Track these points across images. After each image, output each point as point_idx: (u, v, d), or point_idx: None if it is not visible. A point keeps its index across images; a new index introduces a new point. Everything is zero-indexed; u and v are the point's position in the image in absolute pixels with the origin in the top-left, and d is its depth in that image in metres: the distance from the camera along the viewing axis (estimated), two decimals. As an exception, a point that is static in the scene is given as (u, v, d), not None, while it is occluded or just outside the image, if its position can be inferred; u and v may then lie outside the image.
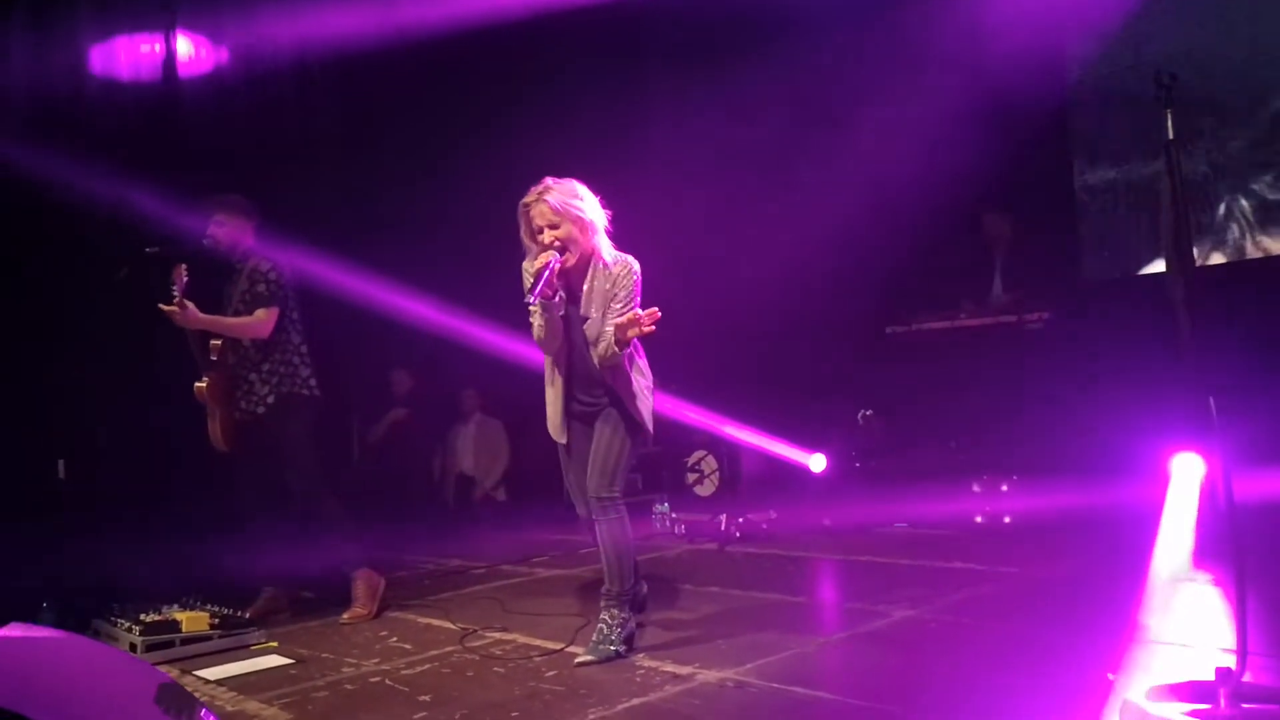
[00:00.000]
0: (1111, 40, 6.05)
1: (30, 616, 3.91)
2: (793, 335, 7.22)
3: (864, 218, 6.48)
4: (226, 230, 4.33)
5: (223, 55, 6.26)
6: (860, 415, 6.40)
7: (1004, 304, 5.90)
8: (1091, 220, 6.39)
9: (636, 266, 3.45)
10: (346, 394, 7.04)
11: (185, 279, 3.94)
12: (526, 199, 3.37)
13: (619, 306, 3.37)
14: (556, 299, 3.34)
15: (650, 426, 3.55)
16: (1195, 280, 2.64)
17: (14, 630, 2.37)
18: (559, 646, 3.57)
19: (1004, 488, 5.50)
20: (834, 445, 6.28)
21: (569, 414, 3.55)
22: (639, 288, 3.44)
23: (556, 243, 3.31)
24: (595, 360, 3.39)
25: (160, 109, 5.89)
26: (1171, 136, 2.62)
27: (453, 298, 6.31)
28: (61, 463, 4.31)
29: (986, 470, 5.57)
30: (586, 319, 3.42)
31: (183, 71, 6.10)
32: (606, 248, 3.43)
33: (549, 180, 3.38)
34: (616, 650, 3.41)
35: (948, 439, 6.00)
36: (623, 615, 3.49)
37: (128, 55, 5.88)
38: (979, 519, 5.52)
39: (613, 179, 3.59)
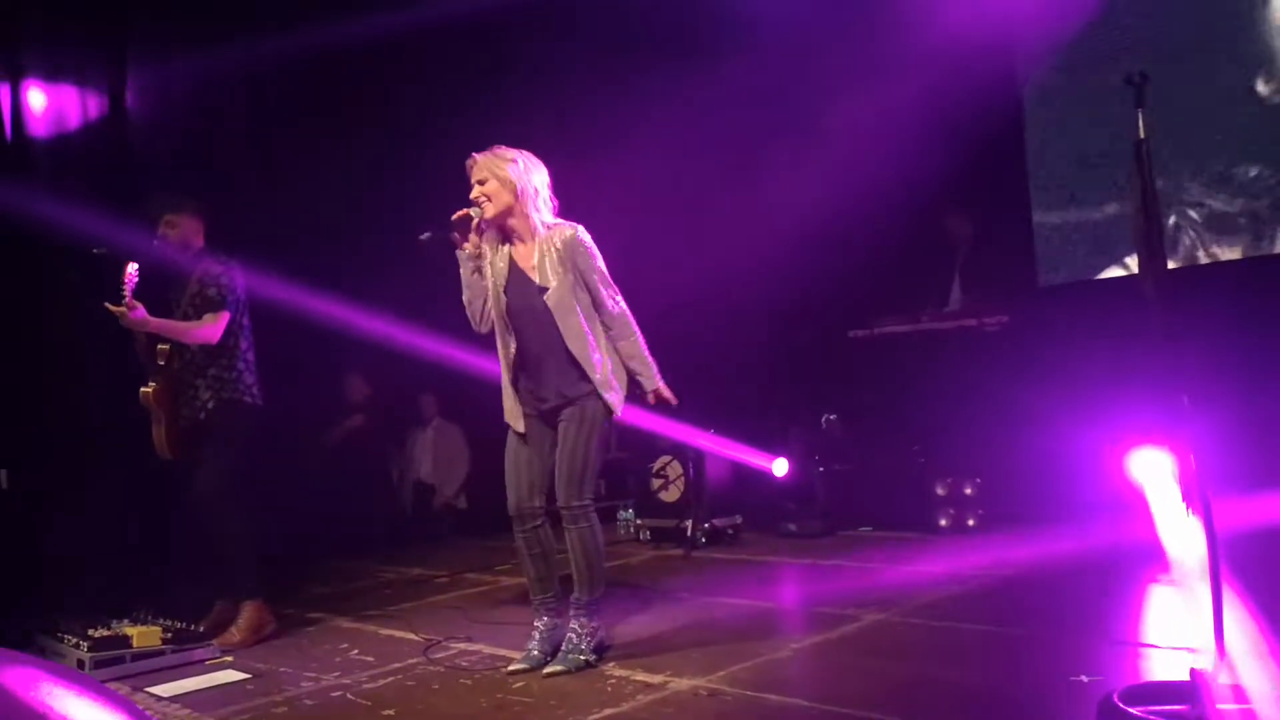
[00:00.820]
0: (1070, 40, 6.10)
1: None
2: (754, 338, 7.20)
3: (825, 220, 6.46)
4: (177, 232, 4.19)
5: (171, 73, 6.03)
6: (823, 419, 6.39)
7: (963, 307, 5.93)
8: (1047, 223, 6.45)
9: (581, 230, 3.39)
10: (299, 400, 6.88)
11: (135, 279, 3.79)
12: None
13: (598, 273, 3.36)
14: (467, 249, 3.35)
15: (619, 409, 3.41)
16: (1165, 279, 2.65)
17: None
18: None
19: (968, 490, 5.52)
20: (797, 449, 6.26)
21: (524, 402, 3.43)
22: (596, 249, 3.40)
23: (482, 197, 3.30)
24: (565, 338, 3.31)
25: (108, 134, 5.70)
26: (1143, 135, 2.62)
27: (407, 301, 6.20)
28: (4, 472, 4.13)
29: (950, 473, 5.58)
30: (545, 289, 3.31)
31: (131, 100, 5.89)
32: (542, 215, 3.36)
33: (496, 147, 3.38)
34: (587, 660, 3.34)
35: (911, 442, 6.01)
36: (593, 624, 3.43)
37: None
38: (943, 522, 5.53)
39: (570, 178, 3.55)
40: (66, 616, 3.90)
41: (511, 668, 3.36)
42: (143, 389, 4.00)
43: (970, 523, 5.45)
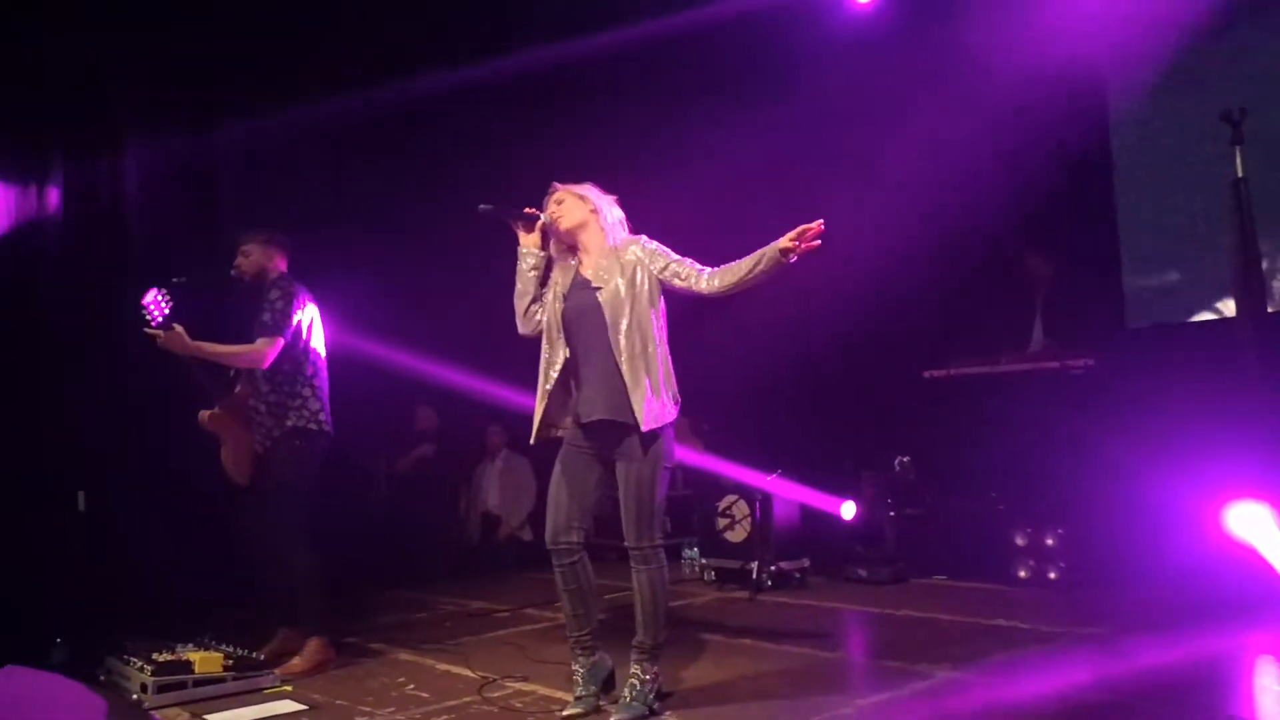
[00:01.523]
0: (1163, 70, 5.87)
1: (44, 651, 3.84)
2: (827, 378, 7.06)
3: (900, 258, 6.34)
4: (252, 260, 4.27)
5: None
6: (896, 461, 6.19)
7: (1045, 349, 5.71)
8: (1137, 262, 6.19)
9: (645, 237, 3.41)
10: (372, 429, 6.96)
11: (161, 304, 3.80)
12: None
13: (664, 250, 3.35)
14: (534, 245, 3.42)
15: (670, 441, 3.30)
16: (1265, 322, 2.49)
17: (10, 672, 2.27)
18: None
19: (1050, 541, 5.27)
20: (869, 492, 6.08)
21: (557, 416, 3.35)
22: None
23: (558, 213, 3.37)
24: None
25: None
26: (1241, 174, 2.47)
27: (481, 332, 6.24)
28: (81, 494, 4.22)
29: (1030, 522, 5.34)
30: (599, 289, 3.27)
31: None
32: (618, 233, 3.40)
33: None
34: (650, 708, 3.23)
35: (989, 488, 5.78)
36: (654, 669, 3.32)
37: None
38: (1022, 573, 5.29)
39: (642, 215, 3.53)
40: (135, 639, 3.94)
41: (566, 712, 3.28)
42: (201, 413, 4.04)
43: (1052, 575, 5.20)
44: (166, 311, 3.80)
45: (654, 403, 3.21)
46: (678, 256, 3.37)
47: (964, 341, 5.98)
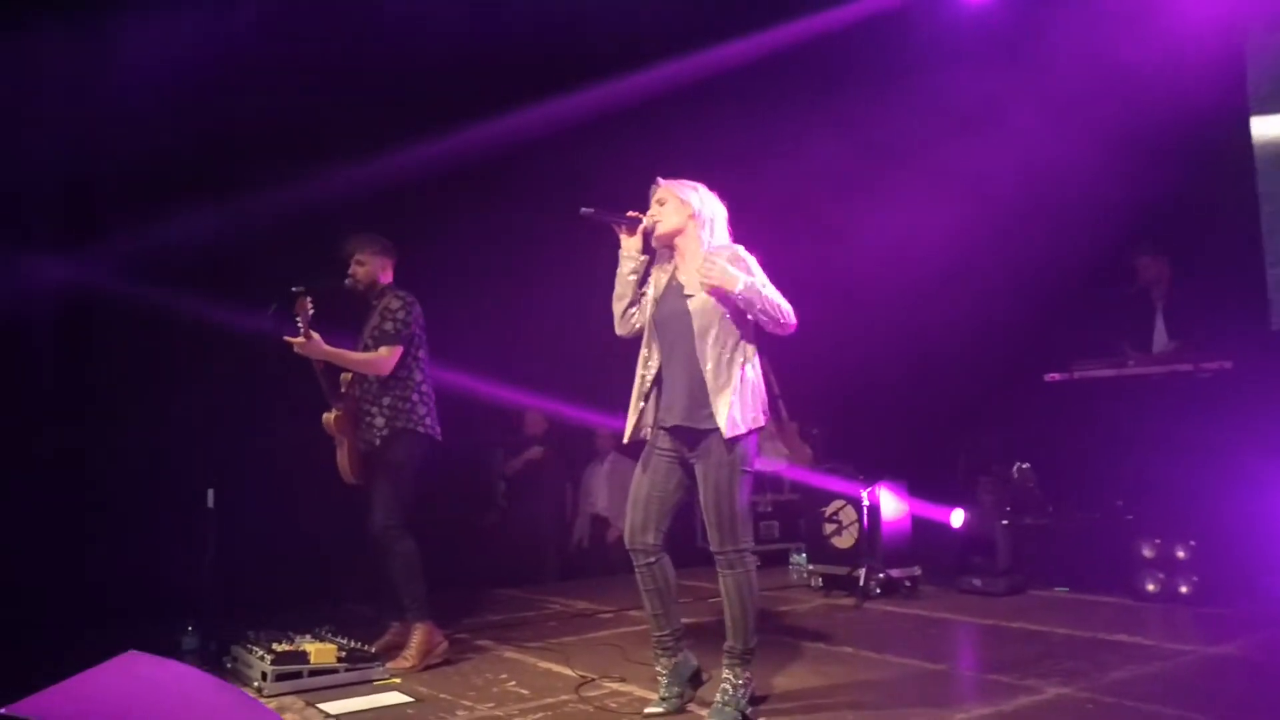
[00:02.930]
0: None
1: (177, 638, 4.09)
2: (944, 381, 6.85)
3: (1019, 259, 6.11)
4: (366, 269, 4.44)
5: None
6: (1015, 467, 5.96)
7: (1176, 351, 5.40)
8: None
9: (742, 248, 3.34)
10: (487, 433, 7.16)
11: (310, 311, 4.02)
12: None
13: (750, 269, 3.27)
14: (636, 250, 3.42)
15: (753, 447, 3.27)
16: None
17: (130, 658, 2.44)
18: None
19: (1180, 553, 4.97)
20: (986, 499, 5.87)
21: (653, 419, 3.35)
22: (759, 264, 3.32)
23: (656, 215, 3.37)
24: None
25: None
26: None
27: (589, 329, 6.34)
28: (211, 491, 4.48)
29: (1159, 533, 5.05)
30: (691, 296, 3.27)
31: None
32: (712, 241, 3.36)
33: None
34: (742, 713, 3.22)
35: (1114, 496, 5.50)
36: (746, 674, 3.30)
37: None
38: (1150, 587, 5.01)
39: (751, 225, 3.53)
40: (258, 629, 4.17)
41: (649, 710, 3.32)
42: (325, 415, 4.26)
43: (1182, 590, 4.91)
44: (308, 320, 4.02)
45: (736, 410, 3.19)
46: (763, 280, 3.28)
47: (1084, 344, 5.72)
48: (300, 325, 4.00)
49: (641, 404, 3.37)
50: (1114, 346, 5.60)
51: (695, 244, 3.35)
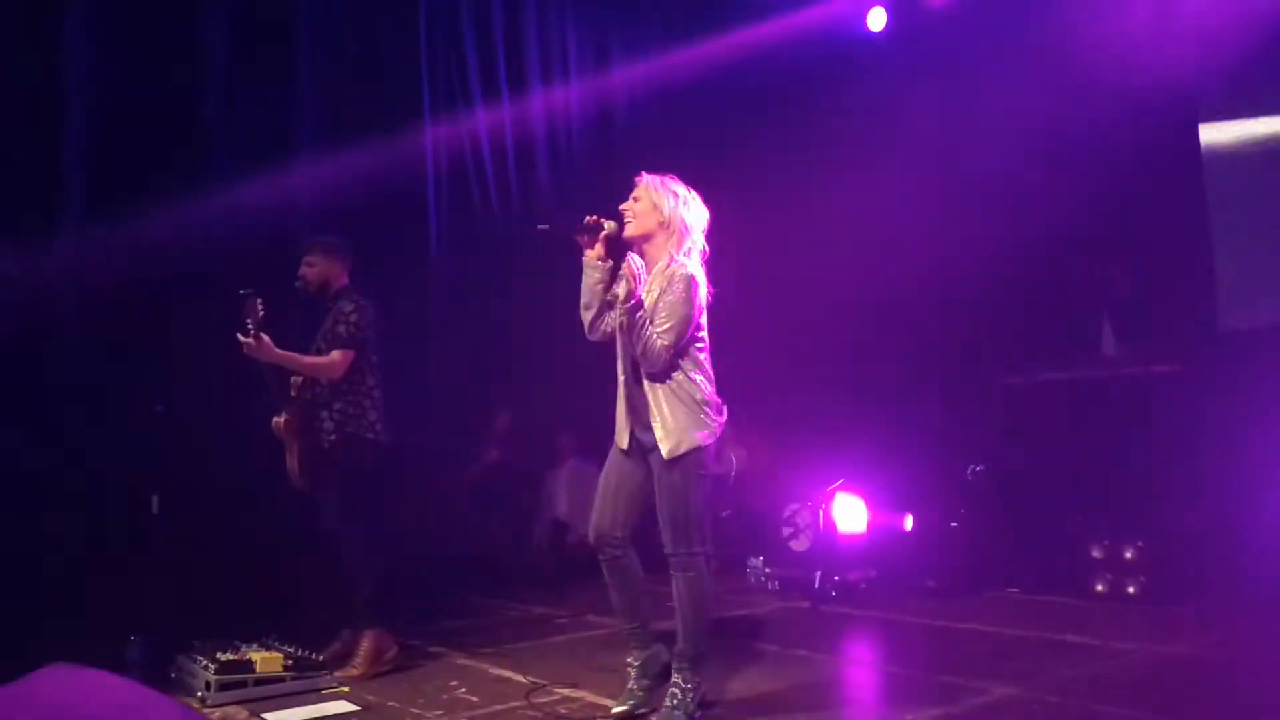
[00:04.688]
0: (1251, 63, 5.56)
1: (119, 649, 4.00)
2: (897, 384, 6.90)
3: (969, 264, 6.17)
4: (317, 271, 4.38)
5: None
6: (969, 470, 6.00)
7: (1125, 353, 5.47)
8: (1232, 260, 5.85)
9: (694, 273, 3.21)
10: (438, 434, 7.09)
11: (261, 312, 3.95)
12: None
13: (665, 303, 3.15)
14: (596, 259, 3.26)
15: (706, 454, 3.24)
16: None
17: (55, 670, 2.37)
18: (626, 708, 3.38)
19: (1129, 554, 5.03)
20: (940, 501, 5.91)
21: (626, 421, 3.33)
22: (695, 294, 3.18)
23: (627, 213, 3.28)
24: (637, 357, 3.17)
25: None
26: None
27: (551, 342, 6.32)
28: (155, 497, 4.40)
29: (1108, 534, 5.11)
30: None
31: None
32: (683, 253, 3.26)
33: (674, 178, 3.35)
34: (689, 717, 3.20)
35: (1064, 498, 5.55)
36: (696, 679, 3.29)
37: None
38: (1099, 587, 5.07)
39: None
40: (204, 638, 4.08)
41: (614, 710, 3.31)
42: (275, 419, 4.18)
43: (1130, 590, 4.97)
44: (259, 322, 3.94)
45: (679, 426, 3.17)
46: (671, 314, 3.15)
47: (1034, 347, 5.79)
48: (250, 327, 3.92)
49: (623, 406, 3.36)
50: (1067, 349, 5.66)
51: (661, 253, 3.27)
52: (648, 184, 3.30)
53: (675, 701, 3.22)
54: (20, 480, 4.89)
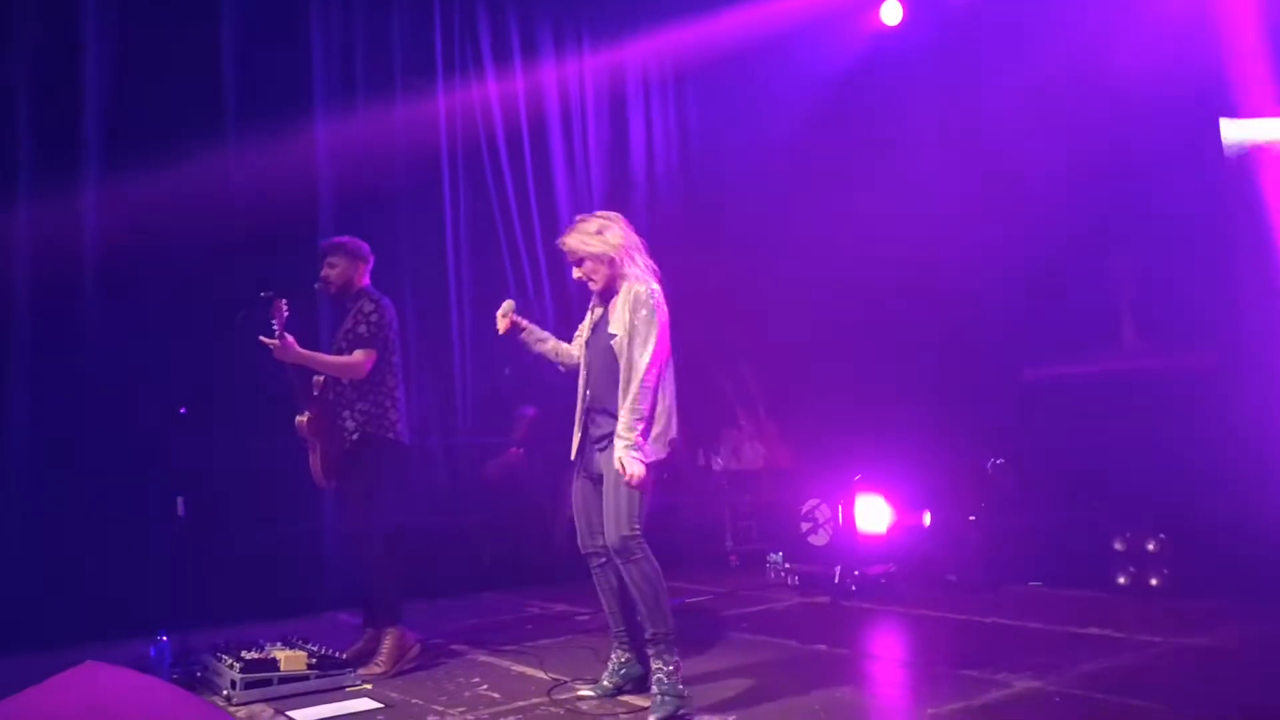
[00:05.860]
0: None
1: (148, 647, 4.06)
2: (919, 377, 6.88)
3: (992, 257, 6.13)
4: (338, 272, 4.41)
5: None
6: (990, 463, 5.98)
7: (1146, 347, 5.43)
8: (1256, 254, 5.79)
9: (654, 290, 3.45)
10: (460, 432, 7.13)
11: (285, 314, 3.99)
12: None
13: (639, 323, 3.37)
14: (523, 340, 3.73)
15: (659, 452, 3.37)
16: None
17: (88, 669, 2.41)
18: (646, 703, 3.40)
19: (1151, 546, 5.00)
20: (961, 494, 5.89)
21: (585, 435, 3.55)
22: (660, 310, 3.42)
23: (588, 278, 3.53)
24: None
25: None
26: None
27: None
28: (180, 500, 4.45)
29: (1130, 526, 5.08)
30: (614, 335, 3.43)
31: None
32: (635, 272, 3.49)
33: (578, 219, 3.60)
34: (680, 695, 3.28)
35: (1087, 491, 5.52)
36: (675, 659, 3.35)
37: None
38: (1121, 580, 5.05)
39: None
40: (230, 638, 4.13)
41: (580, 692, 3.59)
42: (298, 418, 4.22)
43: (1153, 583, 4.94)
44: (284, 322, 4.00)
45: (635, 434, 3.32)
46: (643, 335, 3.37)
47: (1056, 341, 5.75)
48: (275, 328, 3.96)
49: (578, 429, 3.57)
50: (1088, 344, 5.62)
51: (623, 281, 3.48)
52: (572, 244, 3.51)
53: (663, 686, 3.30)
54: (50, 482, 4.98)
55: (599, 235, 3.50)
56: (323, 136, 6.04)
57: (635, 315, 3.40)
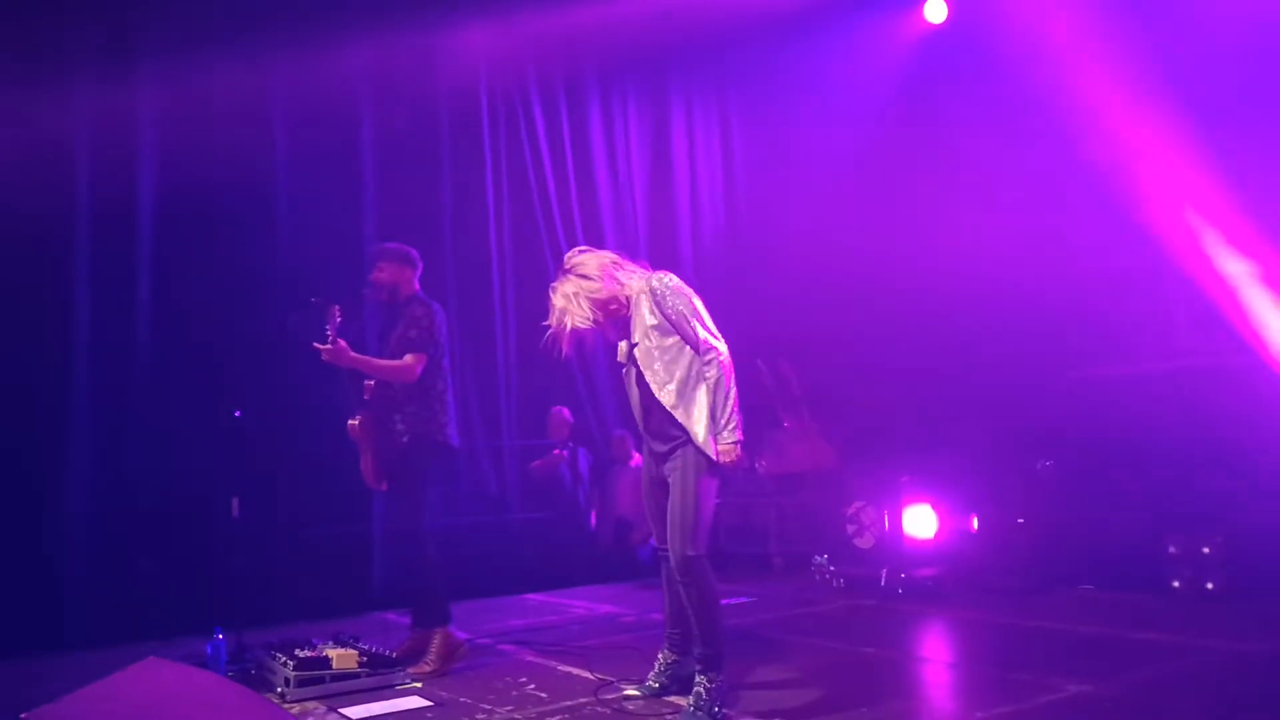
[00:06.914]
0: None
1: (202, 645, 4.16)
2: (967, 378, 6.82)
3: (1038, 256, 6.06)
4: (386, 276, 4.48)
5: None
6: (1039, 464, 5.90)
7: (1194, 345, 5.33)
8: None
9: (655, 277, 3.42)
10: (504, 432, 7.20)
11: (339, 319, 4.07)
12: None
13: (672, 310, 3.34)
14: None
15: (719, 455, 3.34)
16: None
17: (148, 665, 2.48)
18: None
19: (1206, 549, 4.91)
20: (1009, 496, 5.82)
21: (645, 444, 3.57)
22: (684, 293, 3.39)
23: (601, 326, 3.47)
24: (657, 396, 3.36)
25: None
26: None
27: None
28: (235, 500, 4.55)
29: (1185, 528, 4.99)
30: (636, 345, 3.43)
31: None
32: (633, 283, 3.47)
33: (559, 280, 3.51)
34: (714, 715, 3.26)
35: (1139, 493, 5.43)
36: (720, 677, 3.35)
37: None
38: (1176, 583, 4.95)
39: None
40: (284, 636, 4.22)
41: (625, 691, 3.61)
42: (350, 421, 4.29)
43: (1209, 586, 4.84)
44: (336, 327, 4.08)
45: (703, 424, 3.31)
46: (685, 319, 3.35)
47: (1108, 341, 5.66)
48: (329, 333, 4.04)
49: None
50: (1139, 343, 5.53)
51: (625, 304, 3.46)
52: (561, 312, 3.42)
53: (699, 700, 3.29)
54: (109, 485, 5.12)
55: (589, 280, 3.43)
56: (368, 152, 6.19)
57: (663, 309, 3.36)
